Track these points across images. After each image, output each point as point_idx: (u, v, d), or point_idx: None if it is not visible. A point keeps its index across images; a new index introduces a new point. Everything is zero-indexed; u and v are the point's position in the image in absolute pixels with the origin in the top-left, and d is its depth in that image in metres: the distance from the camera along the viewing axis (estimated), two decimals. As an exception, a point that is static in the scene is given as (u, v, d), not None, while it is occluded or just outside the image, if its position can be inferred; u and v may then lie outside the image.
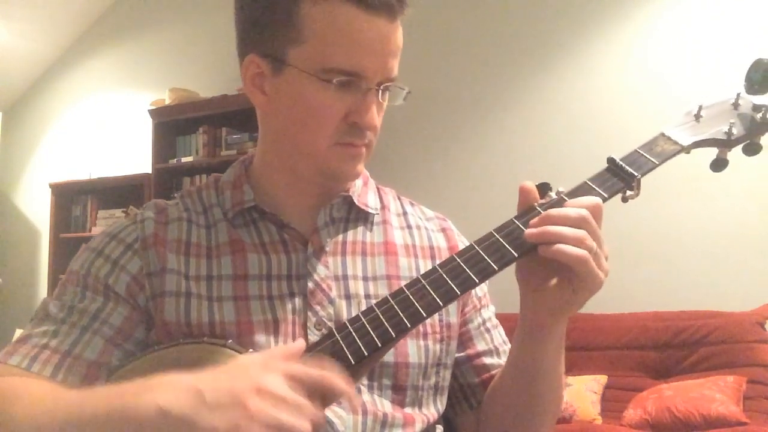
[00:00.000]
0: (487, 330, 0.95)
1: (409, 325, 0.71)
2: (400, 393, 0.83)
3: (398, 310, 0.72)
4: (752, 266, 3.03)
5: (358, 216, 0.92)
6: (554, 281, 0.75)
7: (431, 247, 0.93)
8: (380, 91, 0.82)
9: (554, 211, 0.73)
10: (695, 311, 2.97)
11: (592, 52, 3.52)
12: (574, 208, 0.73)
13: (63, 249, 4.85)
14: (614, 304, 3.17)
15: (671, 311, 3.03)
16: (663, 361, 2.93)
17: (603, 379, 2.94)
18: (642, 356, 2.97)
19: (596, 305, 3.44)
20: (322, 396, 0.65)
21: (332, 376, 0.65)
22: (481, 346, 0.93)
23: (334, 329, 0.73)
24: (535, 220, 0.73)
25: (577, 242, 0.71)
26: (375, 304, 0.73)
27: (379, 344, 0.70)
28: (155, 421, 0.60)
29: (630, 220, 3.25)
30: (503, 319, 1.00)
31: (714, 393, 2.54)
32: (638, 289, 3.23)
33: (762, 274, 3.00)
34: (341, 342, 0.71)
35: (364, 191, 0.93)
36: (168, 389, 0.61)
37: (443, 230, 0.97)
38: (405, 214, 0.96)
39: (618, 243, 3.36)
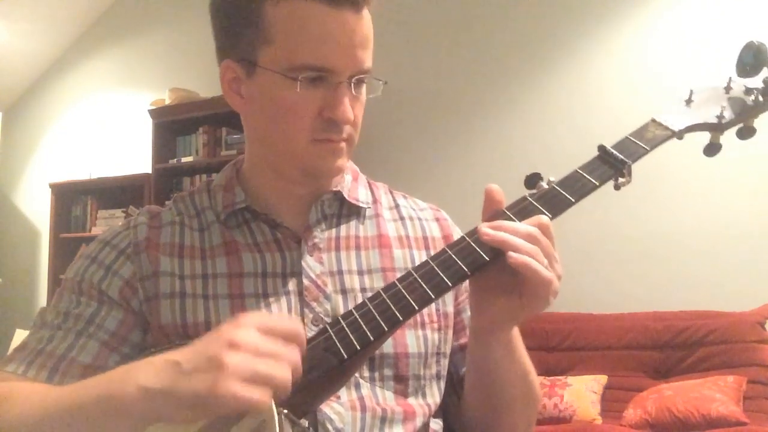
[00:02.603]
0: None
1: (401, 318, 0.71)
2: (401, 383, 0.84)
3: (390, 304, 0.72)
4: (752, 266, 3.03)
5: (350, 211, 0.92)
6: (503, 291, 0.74)
7: (425, 238, 0.94)
8: (354, 84, 0.82)
9: (505, 223, 0.72)
10: (695, 311, 2.97)
11: (592, 51, 3.52)
12: (524, 225, 0.72)
13: (63, 249, 4.85)
14: (614, 304, 3.18)
15: (671, 311, 3.03)
16: (663, 361, 2.93)
17: (603, 379, 2.94)
18: (642, 356, 2.97)
19: (596, 305, 3.45)
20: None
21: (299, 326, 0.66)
22: None
23: (327, 325, 0.73)
24: (487, 226, 0.72)
25: (531, 255, 0.70)
26: (367, 299, 0.73)
27: (372, 338, 0.70)
28: (140, 401, 0.61)
29: (630, 220, 3.26)
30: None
31: (714, 393, 2.54)
32: (638, 289, 3.23)
33: (762, 274, 3.00)
34: (334, 337, 0.71)
35: (354, 186, 0.94)
36: (147, 368, 0.62)
37: (437, 220, 0.97)
38: (397, 206, 0.97)
39: (618, 243, 3.37)
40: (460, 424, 0.92)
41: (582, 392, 2.85)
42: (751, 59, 0.81)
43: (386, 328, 0.71)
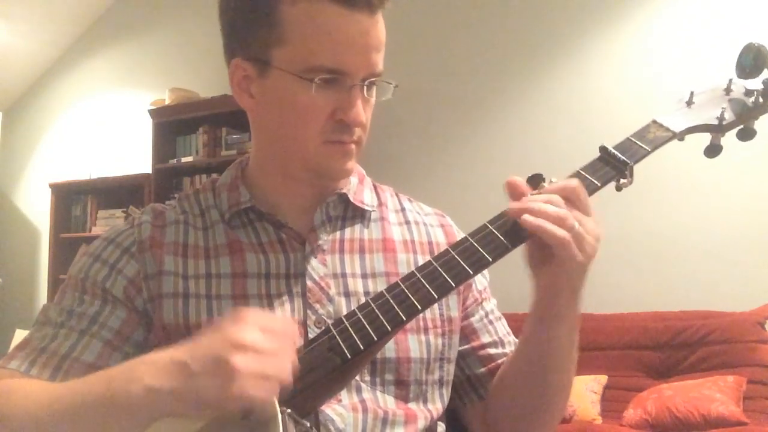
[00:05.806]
0: (490, 322, 0.95)
1: (404, 318, 0.71)
2: (403, 388, 0.84)
3: (393, 304, 0.72)
4: (752, 266, 3.03)
5: (354, 214, 0.92)
6: (543, 261, 0.76)
7: (430, 243, 0.94)
8: (365, 87, 0.82)
9: (537, 195, 0.74)
10: (695, 311, 2.97)
11: (592, 52, 3.52)
12: (555, 191, 0.74)
13: (63, 249, 4.85)
14: (614, 304, 3.17)
15: (671, 311, 3.04)
16: (663, 361, 2.93)
17: (603, 379, 2.95)
18: (642, 356, 2.97)
19: (596, 305, 3.45)
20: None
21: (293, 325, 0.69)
22: (485, 338, 0.94)
23: (330, 325, 0.74)
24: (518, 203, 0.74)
25: (558, 221, 0.71)
26: (370, 299, 0.73)
27: (375, 338, 0.70)
28: (147, 402, 0.62)
29: (630, 219, 3.25)
30: (507, 318, 0.99)
31: (714, 393, 2.54)
32: (638, 289, 3.23)
33: (762, 274, 3.00)
34: (337, 337, 0.71)
35: (360, 189, 0.94)
36: (153, 368, 0.63)
37: (442, 226, 0.97)
38: (403, 210, 0.97)
39: (618, 243, 3.37)
40: (483, 423, 0.92)
41: (582, 392, 2.85)
42: (750, 61, 0.81)
43: (390, 328, 0.71)
